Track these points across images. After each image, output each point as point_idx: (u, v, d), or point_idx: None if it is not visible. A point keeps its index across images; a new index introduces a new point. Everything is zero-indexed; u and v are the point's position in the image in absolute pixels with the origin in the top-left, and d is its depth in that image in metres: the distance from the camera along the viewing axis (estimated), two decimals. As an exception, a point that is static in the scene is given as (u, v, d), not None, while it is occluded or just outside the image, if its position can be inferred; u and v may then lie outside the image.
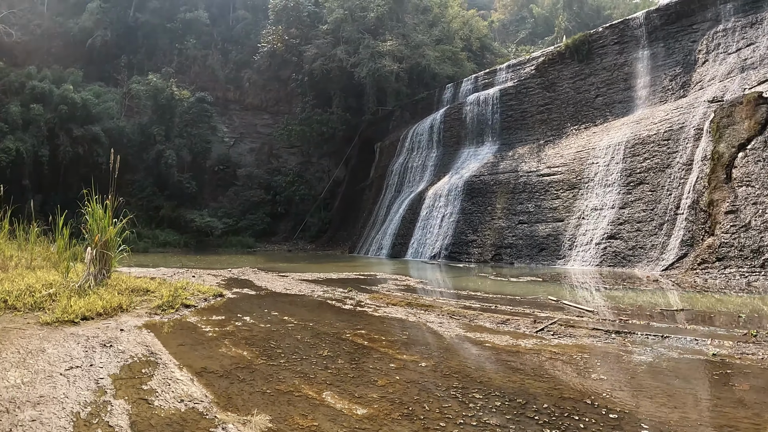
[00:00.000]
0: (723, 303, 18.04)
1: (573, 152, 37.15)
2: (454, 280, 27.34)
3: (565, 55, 42.05)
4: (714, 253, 24.50)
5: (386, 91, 61.15)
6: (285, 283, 23.67)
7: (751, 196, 24.48)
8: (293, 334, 12.46)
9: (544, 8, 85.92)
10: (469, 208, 40.70)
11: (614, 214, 31.73)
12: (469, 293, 20.85)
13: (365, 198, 58.41)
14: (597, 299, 19.38)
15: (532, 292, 21.29)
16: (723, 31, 32.89)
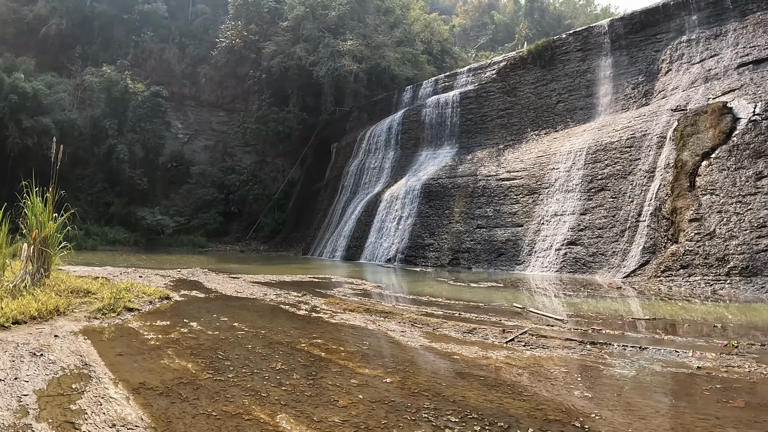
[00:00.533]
0: (694, 312, 17.45)
1: (533, 157, 36.52)
2: (412, 285, 26.49)
3: (528, 60, 41.53)
4: (678, 261, 24.08)
5: (344, 91, 59.97)
6: (236, 286, 22.44)
7: (715, 205, 24.16)
8: (244, 344, 11.31)
9: (505, 15, 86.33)
10: (426, 211, 39.72)
11: (575, 220, 31.18)
12: (430, 299, 19.84)
13: (320, 199, 57.12)
14: (563, 307, 18.58)
15: (495, 298, 20.47)
16: (687, 41, 32.77)
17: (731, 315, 16.73)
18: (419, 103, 49.74)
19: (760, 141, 24.15)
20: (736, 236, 22.64)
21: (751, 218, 22.65)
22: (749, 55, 28.84)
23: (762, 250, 21.72)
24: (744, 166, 24.06)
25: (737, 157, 24.40)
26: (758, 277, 21.25)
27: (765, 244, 21.80)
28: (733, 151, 24.69)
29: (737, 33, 30.19)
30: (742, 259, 22.01)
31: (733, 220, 23.07)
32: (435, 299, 19.66)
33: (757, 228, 22.32)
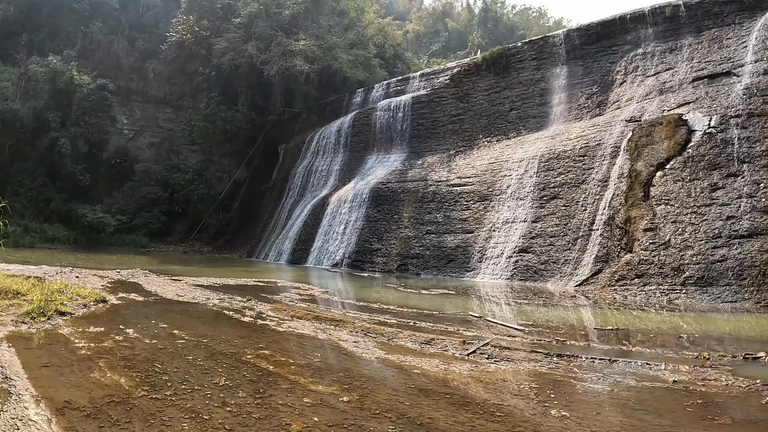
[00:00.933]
0: (654, 322, 16.97)
1: (485, 164, 35.80)
2: (361, 291, 25.56)
3: (482, 67, 40.84)
4: (633, 270, 23.66)
5: (295, 92, 58.49)
6: (177, 289, 21.10)
7: (670, 215, 23.87)
8: (184, 354, 10.18)
9: (459, 23, 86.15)
10: (374, 215, 38.64)
11: (526, 227, 30.57)
12: (381, 306, 18.84)
13: (266, 201, 55.55)
14: (520, 316, 17.84)
15: (449, 306, 19.63)
16: (642, 54, 32.62)
17: (692, 325, 16.26)
18: (370, 106, 48.60)
19: (714, 153, 23.99)
20: (692, 246, 22.37)
21: (706, 229, 22.41)
22: (704, 70, 28.71)
23: (717, 261, 21.47)
24: (699, 177, 23.85)
25: (692, 169, 24.20)
26: (714, 287, 20.99)
27: (721, 254, 21.55)
28: (688, 162, 24.48)
29: (692, 48, 30.16)
30: (697, 269, 21.73)
31: (689, 231, 22.81)
32: (387, 306, 18.68)
33: (713, 238, 22.09)
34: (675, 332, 14.88)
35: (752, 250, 20.75)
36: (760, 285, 19.91)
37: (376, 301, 20.47)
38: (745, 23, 28.63)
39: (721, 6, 29.88)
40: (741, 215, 21.78)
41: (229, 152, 65.13)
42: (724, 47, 28.57)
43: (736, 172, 22.99)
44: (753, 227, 21.24)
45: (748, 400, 8.66)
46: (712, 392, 9.03)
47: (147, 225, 59.76)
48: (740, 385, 9.37)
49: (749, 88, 24.94)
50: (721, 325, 16.68)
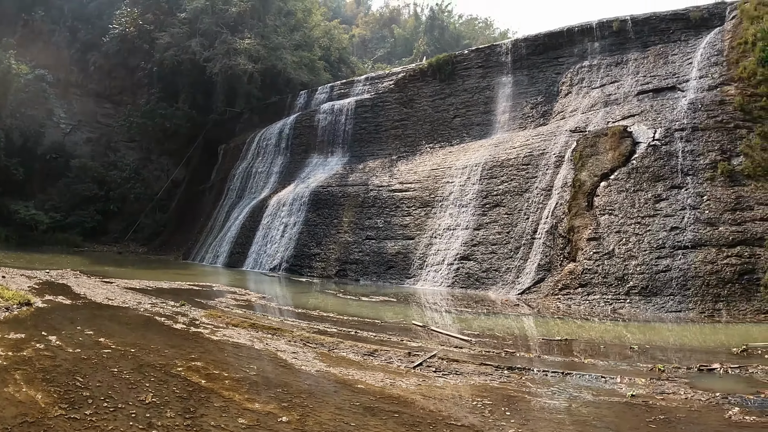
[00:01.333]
0: (602, 332, 16.48)
1: (428, 170, 35.02)
2: (299, 297, 24.31)
3: (427, 73, 40.24)
4: (576, 279, 23.18)
5: (237, 91, 56.64)
6: (108, 292, 19.64)
7: (614, 225, 23.56)
8: (109, 366, 9.00)
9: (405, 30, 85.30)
10: (314, 219, 37.39)
11: (468, 234, 29.84)
12: (321, 314, 17.81)
13: (204, 202, 53.60)
14: (464, 325, 17.02)
15: (391, 315, 18.72)
16: (588, 66, 32.74)
17: (639, 335, 15.67)
18: (313, 108, 47.32)
19: (659, 165, 23.93)
20: (636, 256, 22.06)
21: (650, 239, 22.16)
22: (649, 84, 28.92)
23: (661, 271, 21.18)
24: (643, 188, 23.68)
25: (636, 180, 24.02)
26: (658, 297, 20.66)
27: (665, 264, 21.28)
28: (632, 173, 24.32)
29: (638, 62, 30.39)
30: (641, 278, 21.40)
31: (633, 241, 22.51)
32: (326, 314, 17.67)
33: (657, 249, 21.83)
34: (624, 343, 14.37)
35: (696, 260, 20.57)
36: (704, 295, 19.71)
37: (315, 307, 19.45)
38: (690, 41, 29.09)
39: (668, 23, 30.32)
40: (685, 226, 21.62)
41: (168, 151, 62.82)
42: (670, 63, 28.86)
43: (679, 184, 22.92)
44: (697, 238, 21.10)
45: (710, 414, 8.20)
46: (672, 407, 8.50)
47: (81, 224, 56.86)
48: (700, 399, 8.90)
49: (694, 102, 25.10)
50: (668, 336, 16.25)
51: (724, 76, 25.99)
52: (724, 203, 21.56)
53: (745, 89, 24.56)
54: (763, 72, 24.29)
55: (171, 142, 60.57)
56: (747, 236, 20.44)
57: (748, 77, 24.74)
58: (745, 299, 19.13)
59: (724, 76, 26.02)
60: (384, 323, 16.27)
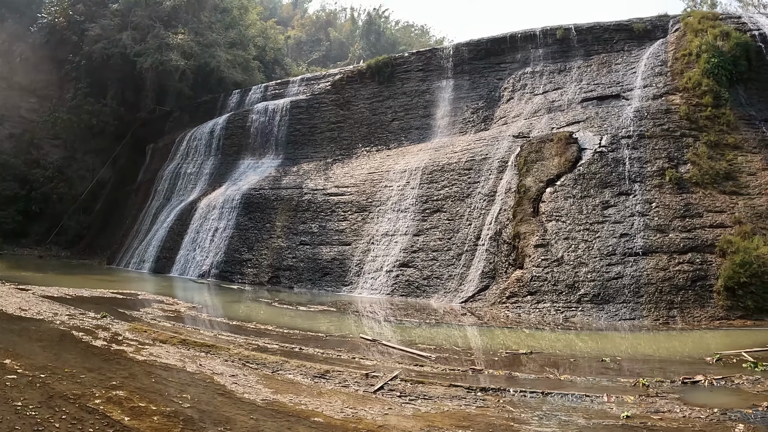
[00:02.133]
0: (563, 343, 15.31)
1: (365, 173, 33.42)
2: (232, 307, 22.34)
3: (366, 74, 38.57)
4: (525, 287, 21.94)
5: (168, 89, 53.58)
6: (22, 301, 17.11)
7: (562, 231, 22.54)
8: (12, 399, 7.00)
9: (341, 33, 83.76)
10: (245, 223, 35.14)
11: (408, 240, 27.55)
12: (258, 326, 15.90)
13: (131, 204, 50.36)
14: (417, 338, 15.26)
15: (333, 326, 17.10)
16: (531, 73, 32.08)
17: (604, 346, 14.59)
18: (246, 108, 45.06)
19: (606, 172, 23.15)
20: (586, 263, 21.06)
21: (600, 246, 21.25)
22: (593, 92, 28.45)
23: (613, 278, 20.25)
24: (590, 194, 22.82)
25: (583, 186, 23.16)
26: (610, 305, 19.69)
27: (616, 271, 20.35)
28: (579, 179, 23.44)
29: (581, 70, 29.97)
30: (593, 286, 20.39)
31: (582, 247, 21.54)
32: (264, 327, 15.79)
33: (607, 255, 20.92)
34: (591, 355, 13.16)
35: (648, 267, 19.79)
36: (657, 302, 18.90)
37: (250, 319, 17.51)
38: (634, 51, 28.97)
39: (612, 33, 30.14)
40: (635, 233, 20.85)
41: (94, 149, 59.04)
42: (614, 72, 28.58)
43: (627, 190, 22.24)
44: (648, 245, 20.35)
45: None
46: (674, 427, 7.49)
47: (0, 225, 52.94)
48: (699, 416, 7.94)
49: (639, 111, 24.68)
50: (633, 346, 15.33)
51: (668, 86, 25.79)
52: (673, 210, 20.99)
53: (690, 99, 24.39)
54: (708, 83, 24.21)
55: (98, 140, 56.89)
56: (698, 243, 19.88)
57: (693, 87, 24.61)
58: (699, 306, 18.49)
59: (668, 85, 25.83)
60: (329, 337, 14.54)
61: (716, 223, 20.25)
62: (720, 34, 25.59)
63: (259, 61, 60.99)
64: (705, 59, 24.76)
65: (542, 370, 11.00)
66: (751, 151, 22.42)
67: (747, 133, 23.09)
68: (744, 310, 17.81)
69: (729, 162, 21.93)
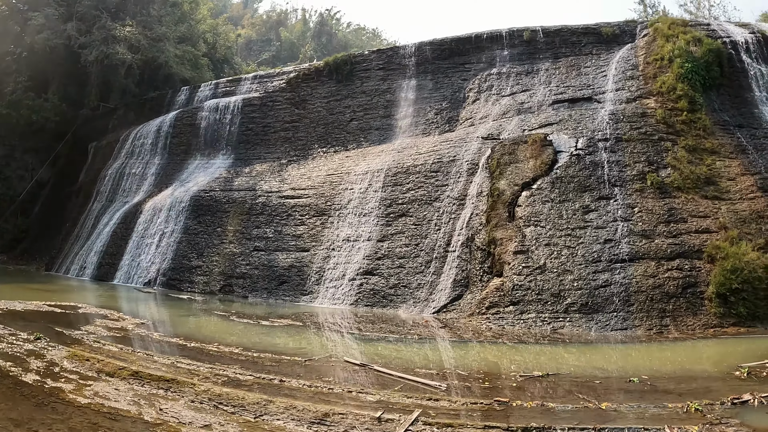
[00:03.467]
0: (571, 360, 13.61)
1: (323, 175, 31.26)
2: (186, 322, 19.84)
3: (323, 72, 36.48)
4: (507, 296, 20.24)
5: (113, 85, 50.10)
6: None
7: (542, 237, 21.05)
8: None
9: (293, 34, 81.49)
10: (194, 227, 32.49)
11: (372, 246, 25.60)
12: (221, 348, 13.68)
13: (71, 206, 46.73)
14: (406, 359, 13.58)
15: (307, 345, 15.20)
16: (497, 74, 30.81)
17: (616, 362, 13.46)
18: (196, 105, 42.38)
19: (585, 175, 21.92)
20: (571, 271, 19.64)
21: (584, 252, 19.90)
22: (564, 94, 27.38)
23: (601, 286, 18.91)
24: (569, 198, 21.51)
25: (561, 190, 21.82)
26: (600, 314, 18.33)
27: (603, 279, 19.03)
28: (556, 182, 22.09)
29: (550, 72, 29.03)
30: (580, 295, 18.98)
31: (565, 254, 20.12)
32: (229, 349, 13.57)
33: (593, 262, 19.60)
34: (615, 374, 11.73)
35: (636, 274, 18.60)
36: (648, 311, 17.75)
37: (210, 338, 15.18)
38: (602, 55, 28.36)
39: (579, 36, 29.54)
40: (619, 239, 19.65)
41: (34, 148, 55.01)
42: (583, 74, 27.74)
43: (608, 195, 21.07)
44: (634, 251, 19.19)
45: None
46: None
47: (-70, 227, 48.82)
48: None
49: (615, 114, 23.75)
50: (645, 361, 13.96)
51: (641, 90, 25.02)
52: (657, 215, 19.96)
53: (665, 103, 23.64)
54: (683, 87, 23.53)
55: (38, 137, 52.95)
56: (685, 249, 18.88)
57: (668, 92, 23.90)
58: (691, 313, 17.50)
59: (641, 89, 25.05)
60: (309, 362, 12.43)
61: (702, 228, 19.35)
62: (692, 40, 25.12)
63: (209, 58, 58.17)
64: (678, 64, 24.18)
65: (575, 397, 9.40)
66: (728, 156, 21.72)
67: (723, 138, 22.41)
68: (737, 317, 16.99)
69: (708, 167, 21.12)
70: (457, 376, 11.14)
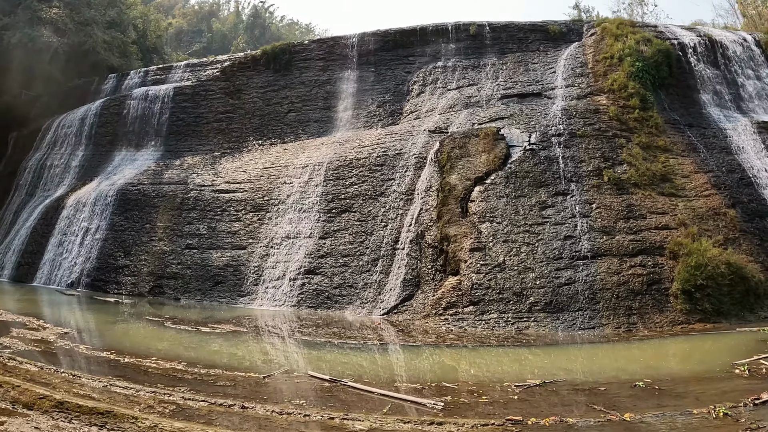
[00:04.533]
0: (555, 363, 12.44)
1: (260, 168, 29.10)
2: (117, 331, 17.53)
3: (260, 61, 34.29)
4: (465, 296, 18.55)
5: (36, 71, 46.27)
6: None
7: (499, 233, 19.78)
8: None
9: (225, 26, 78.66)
10: (121, 223, 29.60)
11: (313, 244, 23.87)
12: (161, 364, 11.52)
13: (-12, 201, 43.32)
14: (366, 366, 12.57)
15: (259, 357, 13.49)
16: (443, 68, 29.72)
17: (602, 363, 12.56)
18: (124, 93, 39.32)
19: (540, 170, 20.93)
20: (532, 268, 18.52)
21: (544, 249, 18.87)
22: (512, 89, 26.64)
23: (564, 284, 17.91)
24: (525, 194, 20.43)
25: (516, 185, 20.72)
26: (565, 313, 17.33)
27: (567, 276, 18.03)
28: (510, 177, 20.97)
29: (497, 67, 28.22)
30: (543, 293, 17.91)
31: (525, 251, 18.99)
32: (170, 364, 11.47)
33: (554, 260, 18.58)
34: (616, 379, 10.58)
35: (600, 271, 17.78)
36: (615, 309, 16.97)
37: (146, 351, 13.01)
38: (549, 52, 28.03)
39: (526, 33, 29.32)
40: (579, 235, 18.78)
41: (-49, 139, 50.99)
42: (531, 70, 27.20)
43: (564, 190, 20.20)
44: (595, 248, 18.36)
45: None
46: None
47: None
48: None
49: (567, 109, 23.06)
50: (634, 361, 13.15)
51: (592, 87, 24.59)
52: (615, 211, 19.23)
53: (617, 101, 23.21)
54: (634, 85, 23.25)
55: (-45, 128, 49.01)
56: (647, 245, 18.24)
57: (619, 89, 23.51)
58: (658, 311, 16.89)
59: (592, 86, 24.62)
60: (268, 379, 10.54)
61: (661, 224, 18.74)
62: (642, 40, 25.01)
63: (138, 46, 54.95)
64: (629, 62, 23.93)
65: (590, 409, 8.18)
66: (680, 154, 21.34)
67: (674, 137, 22.08)
68: (702, 314, 16.51)
69: (663, 164, 20.62)
70: (448, 391, 9.59)
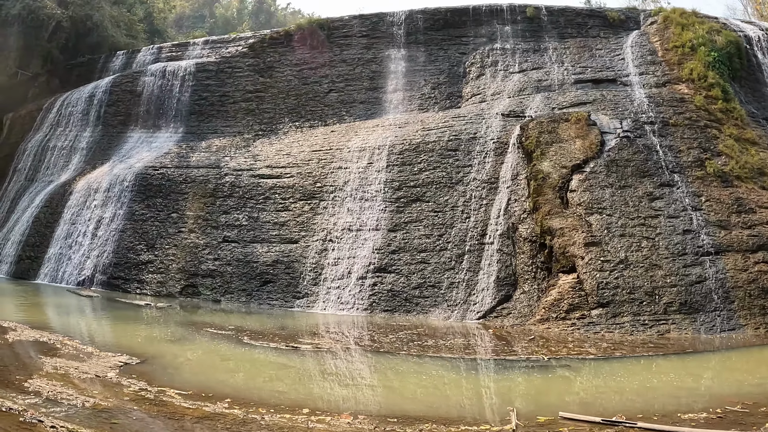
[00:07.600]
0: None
1: (307, 151, 28.30)
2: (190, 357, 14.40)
3: (295, 37, 33.60)
4: (591, 297, 18.00)
5: (34, 50, 44.93)
6: None
7: (613, 227, 19.80)
8: None
9: (228, 11, 77.80)
10: (142, 212, 28.48)
11: (381, 237, 23.08)
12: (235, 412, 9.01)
13: (-19, 187, 41.81)
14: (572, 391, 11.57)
15: (457, 394, 12.18)
16: (501, 50, 30.00)
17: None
18: (137, 69, 38.20)
19: (640, 159, 21.19)
20: (659, 265, 18.57)
21: (666, 244, 19.02)
22: (583, 74, 27.20)
23: (696, 282, 18.04)
24: (629, 184, 20.66)
25: (619, 174, 20.91)
26: (702, 314, 17.50)
27: (697, 274, 18.16)
28: (611, 166, 21.12)
29: (559, 52, 28.91)
30: (676, 292, 17.96)
31: (646, 246, 19.08)
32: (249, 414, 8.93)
33: (679, 256, 18.72)
34: None
35: (728, 268, 18.03)
36: (750, 308, 17.24)
37: (268, 396, 10.48)
38: (611, 38, 29.01)
39: (585, 18, 30.41)
40: (698, 230, 19.10)
41: (-57, 120, 49.38)
42: (597, 56, 27.93)
43: (669, 181, 20.62)
44: (717, 243, 18.67)
45: None
46: None
47: None
48: None
49: (652, 97, 23.59)
50: None
51: (668, 75, 25.09)
52: (726, 204, 19.58)
53: (698, 90, 23.57)
54: (714, 76, 23.66)
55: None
56: (764, 240, 18.45)
57: (699, 79, 23.95)
58: None
59: (668, 74, 25.13)
60: None
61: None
62: (711, 30, 25.66)
63: (145, 24, 54.12)
64: (704, 52, 24.43)
65: None
66: (766, 148, 21.73)
67: (757, 130, 22.51)
68: None
69: (757, 157, 21.14)
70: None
